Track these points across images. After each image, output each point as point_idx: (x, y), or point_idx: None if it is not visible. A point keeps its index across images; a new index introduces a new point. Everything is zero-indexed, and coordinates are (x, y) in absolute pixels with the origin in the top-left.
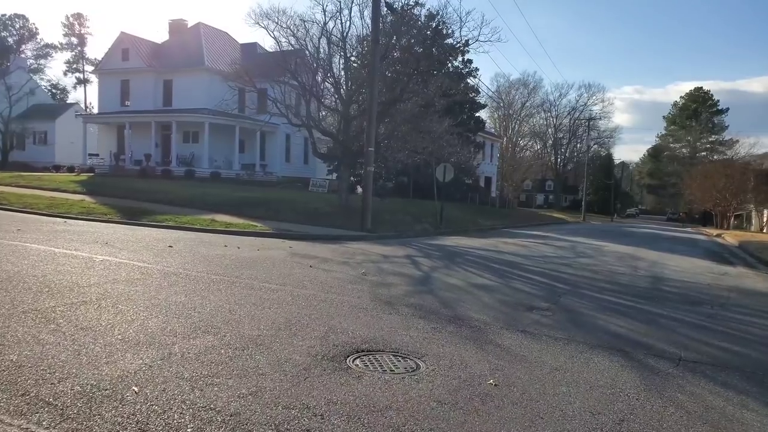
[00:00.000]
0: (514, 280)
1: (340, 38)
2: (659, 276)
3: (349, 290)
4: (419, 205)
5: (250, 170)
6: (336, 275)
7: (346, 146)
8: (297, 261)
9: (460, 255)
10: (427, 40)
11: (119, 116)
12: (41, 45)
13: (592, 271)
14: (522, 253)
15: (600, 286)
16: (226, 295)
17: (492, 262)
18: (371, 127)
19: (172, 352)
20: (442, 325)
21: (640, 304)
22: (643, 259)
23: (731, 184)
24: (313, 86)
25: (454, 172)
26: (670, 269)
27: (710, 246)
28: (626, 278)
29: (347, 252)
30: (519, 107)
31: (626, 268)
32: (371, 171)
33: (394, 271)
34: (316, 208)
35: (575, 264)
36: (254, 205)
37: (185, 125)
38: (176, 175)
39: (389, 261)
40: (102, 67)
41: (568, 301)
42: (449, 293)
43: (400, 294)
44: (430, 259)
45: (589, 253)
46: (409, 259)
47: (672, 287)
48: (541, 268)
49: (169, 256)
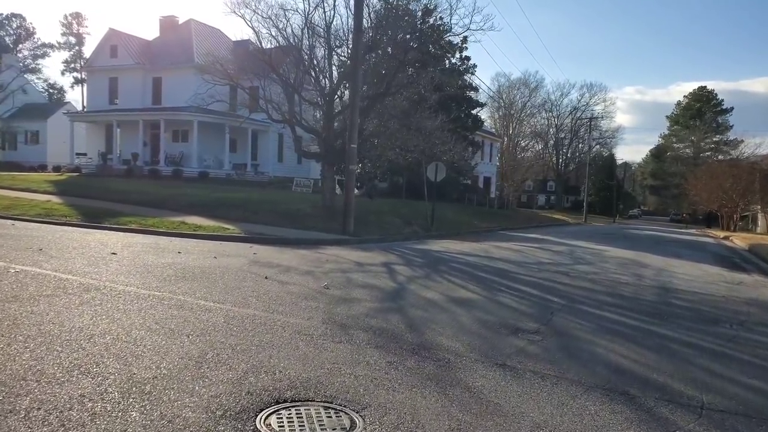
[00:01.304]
0: (502, 292)
1: (324, 29)
2: (667, 286)
3: (301, 309)
4: (411, 206)
5: (241, 170)
6: (292, 289)
7: (329, 143)
8: (254, 271)
9: (445, 262)
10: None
11: (107, 115)
12: (38, 44)
13: (592, 281)
14: (515, 259)
15: (600, 300)
16: (144, 316)
17: (480, 270)
18: (354, 123)
19: (16, 408)
20: (402, 358)
21: (647, 323)
22: (647, 266)
23: (738, 184)
24: (296, 80)
25: (446, 172)
26: (678, 278)
27: (718, 250)
28: (630, 289)
29: (318, 259)
30: (520, 107)
31: (630, 276)
32: (354, 170)
33: (363, 282)
34: (298, 209)
35: (573, 272)
36: (232, 207)
37: (174, 124)
38: (164, 174)
39: (362, 270)
40: (90, 65)
41: (562, 320)
42: (421, 311)
43: (361, 313)
44: (410, 267)
45: (589, 259)
46: (386, 267)
47: (682, 301)
48: (535, 278)
49: (105, 265)
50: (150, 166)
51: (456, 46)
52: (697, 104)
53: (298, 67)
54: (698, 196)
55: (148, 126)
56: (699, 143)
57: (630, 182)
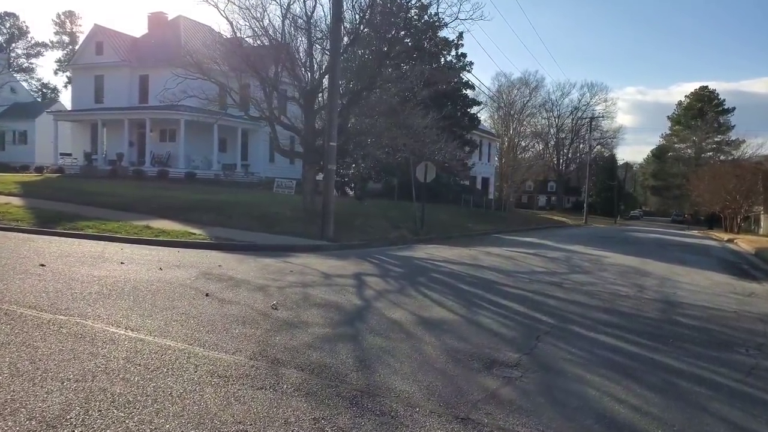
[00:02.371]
0: (483, 310)
1: (304, 20)
2: (671, 300)
3: (231, 338)
4: (402, 209)
5: (231, 171)
6: (231, 310)
7: (310, 142)
8: (198, 286)
9: (426, 272)
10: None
11: (92, 114)
12: (32, 44)
13: (588, 293)
14: (505, 267)
15: (595, 319)
16: (21, 352)
17: (463, 281)
18: (332, 119)
19: None
20: (335, 412)
21: (649, 349)
22: (650, 275)
23: (741, 185)
24: (274, 75)
25: (439, 172)
26: (683, 289)
27: (724, 254)
28: (630, 304)
29: (281, 270)
30: (520, 107)
31: (630, 287)
32: (333, 170)
33: (322, 300)
34: (277, 212)
35: (567, 283)
36: (206, 210)
37: (161, 123)
38: (149, 175)
39: (327, 283)
40: (75, 62)
41: (549, 347)
42: (380, 339)
43: (304, 343)
44: (385, 278)
45: (586, 267)
46: (357, 279)
47: (689, 318)
48: (524, 291)
49: (20, 281)
50: (136, 166)
51: (452, 42)
52: (698, 104)
53: (277, 60)
54: (701, 197)
55: (135, 125)
56: (700, 143)
57: (631, 183)
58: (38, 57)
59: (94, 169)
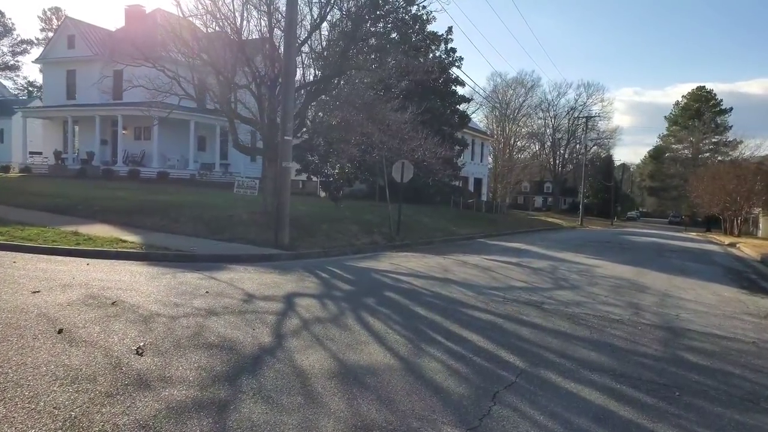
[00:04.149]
0: (433, 348)
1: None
2: (675, 326)
3: (25, 414)
4: (381, 211)
5: (208, 170)
6: (73, 357)
7: (270, 136)
8: (63, 316)
9: (380, 289)
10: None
11: (61, 110)
12: (17, 41)
13: (572, 318)
14: (478, 282)
15: (579, 359)
16: None
17: (421, 302)
18: (287, 109)
19: None
20: None
21: (650, 413)
22: (647, 290)
23: (742, 186)
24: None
25: (422, 172)
26: (688, 308)
27: (728, 261)
28: (624, 332)
29: (195, 289)
30: (516, 107)
31: (624, 308)
32: (288, 167)
33: (218, 337)
34: (231, 215)
35: (549, 303)
36: (152, 212)
37: (135, 120)
38: (120, 175)
39: (243, 310)
40: (45, 56)
41: (509, 413)
42: (261, 409)
43: (139, 421)
44: (324, 300)
45: (574, 281)
46: (286, 302)
47: (699, 354)
48: (494, 315)
49: None
50: (108, 166)
51: (440, 37)
52: (695, 104)
53: (231, 45)
54: (700, 198)
55: (108, 123)
56: (698, 144)
57: (628, 184)
58: (24, 55)
59: (64, 168)
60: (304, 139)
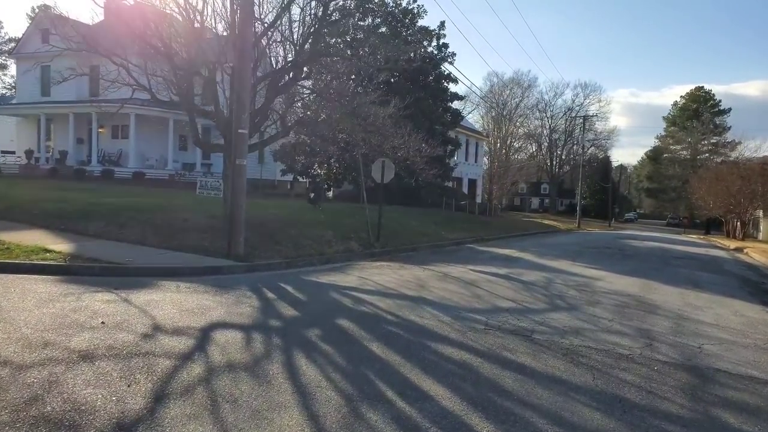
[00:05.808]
0: (379, 413)
1: None
2: (699, 365)
3: None
4: (364, 214)
5: (190, 170)
6: None
7: (228, 131)
8: None
9: (331, 316)
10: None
11: (34, 107)
12: (5, 39)
13: (570, 354)
14: (457, 302)
15: (579, 426)
16: None
17: (380, 336)
18: (242, 98)
19: None
20: None
21: None
22: (658, 310)
23: (747, 187)
24: (185, 47)
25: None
26: (711, 337)
27: (739, 269)
28: (637, 378)
29: (90, 318)
30: (513, 107)
31: (634, 338)
32: (243, 164)
33: (67, 402)
34: (186, 219)
35: (540, 332)
36: (99, 217)
37: (112, 118)
38: (94, 175)
39: (136, 350)
40: (19, 51)
41: None
42: None
43: None
44: (251, 335)
45: (572, 299)
46: (201, 338)
47: (739, 412)
48: (470, 353)
49: None
50: (83, 165)
51: (432, 32)
52: (694, 105)
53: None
54: (702, 200)
55: (84, 121)
56: (696, 145)
57: (626, 185)
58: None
59: (36, 168)
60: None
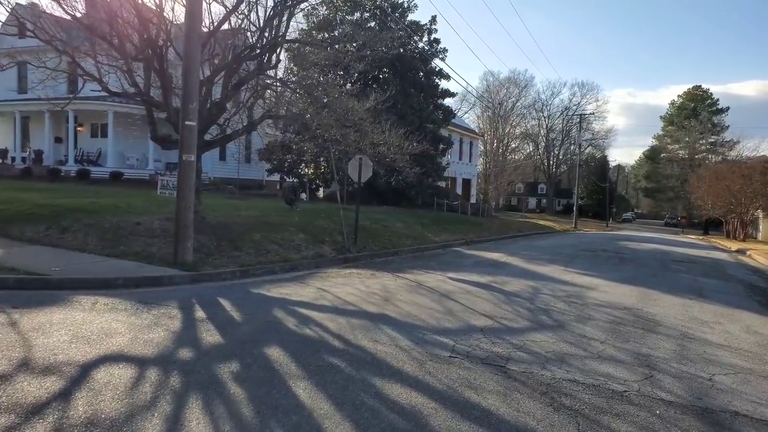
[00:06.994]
0: None
1: None
2: (712, 406)
3: None
4: (345, 215)
5: (172, 170)
6: None
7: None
8: None
9: (263, 342)
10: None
11: (8, 105)
12: None
13: (551, 393)
14: (423, 320)
15: None
16: None
17: (315, 371)
18: (190, 86)
19: None
20: None
21: None
22: (659, 327)
23: (748, 186)
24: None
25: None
26: (722, 364)
27: (744, 274)
28: (633, 429)
29: None
30: (509, 106)
31: (630, 367)
32: (190, 161)
33: None
34: (139, 223)
35: (518, 361)
36: (42, 220)
37: (91, 116)
38: (70, 175)
39: None
40: None
41: None
42: None
43: None
44: (146, 371)
45: (559, 313)
46: (77, 377)
47: None
48: (424, 395)
49: None
50: (59, 165)
51: (423, 27)
52: (691, 104)
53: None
54: (701, 199)
55: (63, 119)
56: (694, 144)
57: (623, 185)
58: None
59: (9, 168)
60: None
